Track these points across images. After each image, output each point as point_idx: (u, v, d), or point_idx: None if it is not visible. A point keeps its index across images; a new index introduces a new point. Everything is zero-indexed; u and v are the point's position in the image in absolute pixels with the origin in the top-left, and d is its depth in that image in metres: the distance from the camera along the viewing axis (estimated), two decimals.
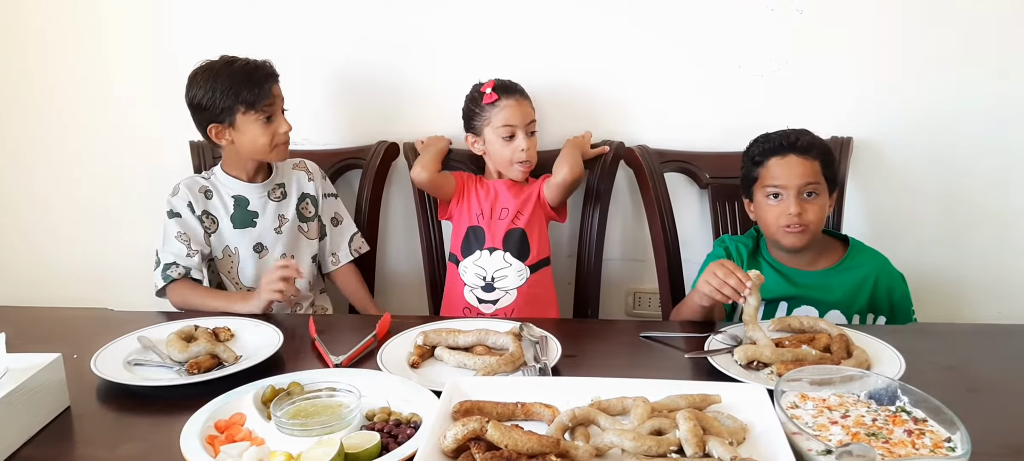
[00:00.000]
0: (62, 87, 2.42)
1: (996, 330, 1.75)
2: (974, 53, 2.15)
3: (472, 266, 2.13)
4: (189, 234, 1.98)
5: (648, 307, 2.48)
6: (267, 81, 1.93)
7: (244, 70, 1.92)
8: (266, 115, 1.93)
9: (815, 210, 1.80)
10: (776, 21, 2.18)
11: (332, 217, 2.18)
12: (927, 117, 2.21)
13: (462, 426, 1.08)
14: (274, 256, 2.06)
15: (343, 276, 2.21)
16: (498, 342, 1.54)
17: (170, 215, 2.00)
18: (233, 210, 2.04)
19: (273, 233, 2.07)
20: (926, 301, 2.09)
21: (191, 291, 1.95)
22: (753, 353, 1.44)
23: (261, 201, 2.06)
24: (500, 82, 2.08)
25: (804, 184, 1.79)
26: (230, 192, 2.05)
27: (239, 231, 2.04)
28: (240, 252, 2.05)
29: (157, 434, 1.25)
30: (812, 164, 1.81)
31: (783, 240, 1.83)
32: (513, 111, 2.05)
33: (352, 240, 2.20)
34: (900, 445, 1.09)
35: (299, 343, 1.63)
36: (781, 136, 1.84)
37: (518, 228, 2.12)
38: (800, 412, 1.20)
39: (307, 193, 2.12)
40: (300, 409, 1.24)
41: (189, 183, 2.03)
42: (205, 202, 2.03)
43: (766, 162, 1.84)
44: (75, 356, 1.51)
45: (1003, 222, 2.27)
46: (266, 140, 1.95)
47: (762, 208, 1.86)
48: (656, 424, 1.13)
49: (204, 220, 2.01)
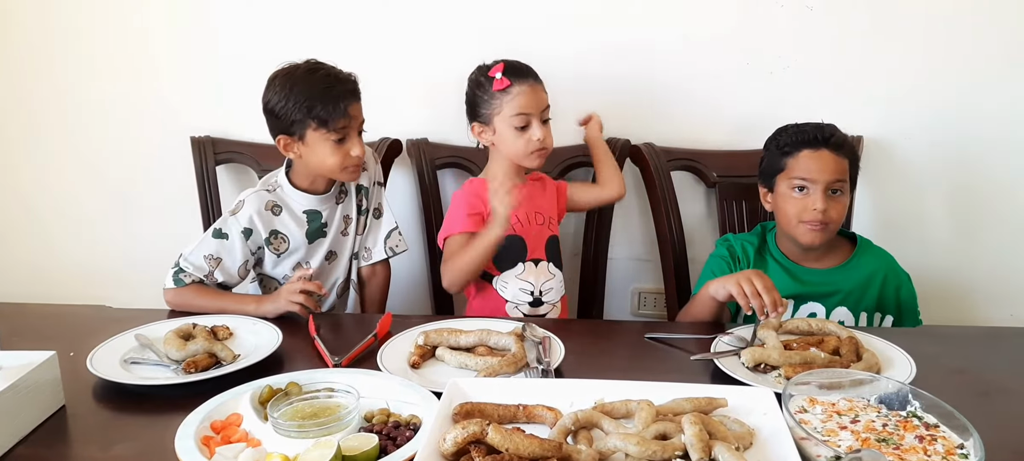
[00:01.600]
0: (59, 82, 2.40)
1: (1007, 333, 1.73)
2: (986, 53, 2.12)
3: (515, 280, 1.96)
4: (223, 261, 1.85)
5: (653, 307, 2.45)
6: (344, 99, 1.78)
7: (324, 82, 1.78)
8: (339, 136, 1.79)
9: (838, 208, 1.78)
10: (786, 17, 2.15)
11: (375, 207, 2.04)
12: (938, 116, 2.18)
13: (462, 429, 1.05)
14: (343, 260, 2.01)
15: (371, 275, 2.06)
16: (500, 343, 1.51)
17: (216, 234, 1.86)
18: (307, 225, 1.93)
19: (340, 236, 1.99)
20: (935, 303, 2.06)
21: (197, 294, 1.82)
22: (760, 355, 1.41)
23: (329, 208, 1.96)
24: (510, 64, 1.90)
25: (833, 180, 1.76)
26: (301, 207, 1.93)
27: (313, 244, 1.95)
28: (313, 264, 1.95)
29: (152, 434, 1.23)
30: (842, 162, 1.78)
31: (802, 236, 1.80)
32: (528, 97, 1.87)
33: (389, 236, 2.04)
34: (911, 451, 1.06)
35: (298, 342, 1.60)
36: (815, 128, 1.80)
37: (554, 235, 2.02)
38: (809, 417, 1.17)
39: (361, 185, 2.00)
40: (297, 410, 1.22)
41: (256, 202, 1.88)
42: (273, 220, 1.90)
43: (797, 153, 1.80)
44: (72, 354, 1.49)
45: (1014, 224, 2.24)
46: (335, 161, 1.81)
47: (784, 199, 1.82)
48: (661, 428, 1.11)
49: (272, 241, 1.90)
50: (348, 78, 1.83)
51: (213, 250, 1.85)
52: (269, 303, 1.75)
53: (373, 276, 2.06)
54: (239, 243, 1.87)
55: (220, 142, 2.33)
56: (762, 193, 1.93)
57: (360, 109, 1.85)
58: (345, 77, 1.82)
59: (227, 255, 1.86)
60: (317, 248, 1.96)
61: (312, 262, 1.95)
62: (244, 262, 1.88)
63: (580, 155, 2.25)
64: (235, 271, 1.88)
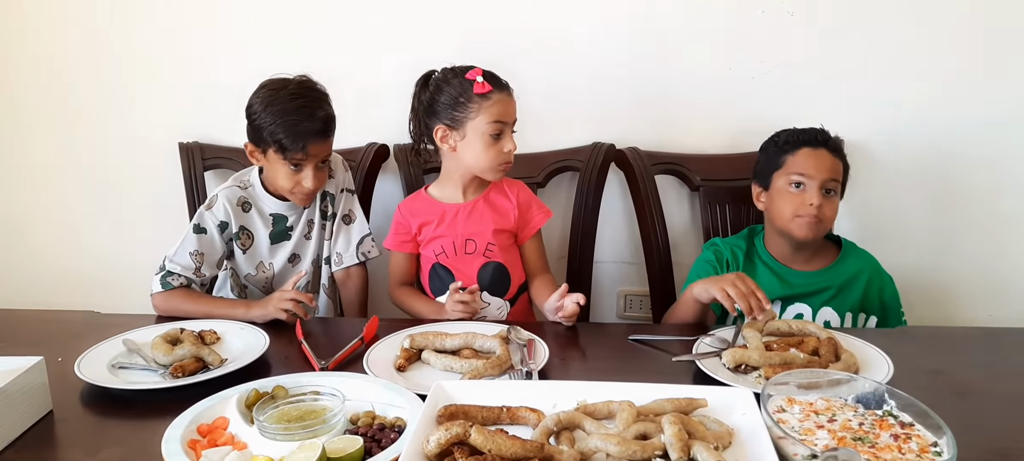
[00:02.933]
0: (46, 88, 2.41)
1: (984, 333, 1.76)
2: (965, 56, 2.15)
3: None
4: (206, 255, 1.91)
5: (639, 309, 2.47)
6: (306, 137, 1.81)
7: (296, 114, 1.81)
8: (294, 164, 1.85)
9: (832, 207, 1.84)
10: (767, 23, 2.18)
11: (345, 214, 2.05)
12: (917, 119, 2.21)
13: (445, 430, 1.07)
14: (306, 263, 2.03)
15: (346, 278, 2.07)
16: (485, 345, 1.53)
17: (196, 229, 1.91)
18: (272, 227, 1.99)
19: (304, 240, 2.03)
20: (915, 303, 2.09)
21: (186, 299, 1.85)
22: (741, 356, 1.43)
23: (296, 214, 2.01)
24: (488, 72, 1.85)
25: (829, 178, 1.82)
26: (269, 209, 1.99)
27: (276, 246, 2.00)
28: (275, 265, 2.01)
29: (139, 438, 1.24)
30: (838, 163, 1.85)
31: (796, 230, 1.83)
32: (505, 107, 1.84)
33: (362, 242, 2.06)
34: (886, 450, 1.08)
35: (285, 346, 1.61)
36: (814, 130, 1.88)
37: (493, 262, 1.94)
38: (787, 416, 1.19)
39: (327, 191, 2.03)
40: (283, 413, 1.23)
41: (229, 196, 1.95)
42: (243, 216, 1.97)
43: (796, 151, 1.85)
44: (60, 359, 1.50)
45: (992, 225, 2.27)
46: (287, 186, 1.89)
47: (780, 195, 1.86)
48: (641, 428, 1.12)
49: (240, 236, 1.95)
50: (322, 115, 1.84)
51: (194, 247, 1.90)
52: (258, 309, 1.76)
53: (348, 280, 2.08)
54: (217, 236, 1.93)
55: (208, 148, 2.34)
56: (755, 193, 1.96)
57: (324, 147, 1.87)
58: (321, 115, 1.84)
59: (209, 250, 1.92)
60: (279, 250, 2.01)
61: (274, 263, 2.01)
62: (222, 255, 1.95)
63: (564, 161, 2.27)
64: (215, 265, 1.95)
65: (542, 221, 2.00)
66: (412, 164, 2.26)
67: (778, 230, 1.89)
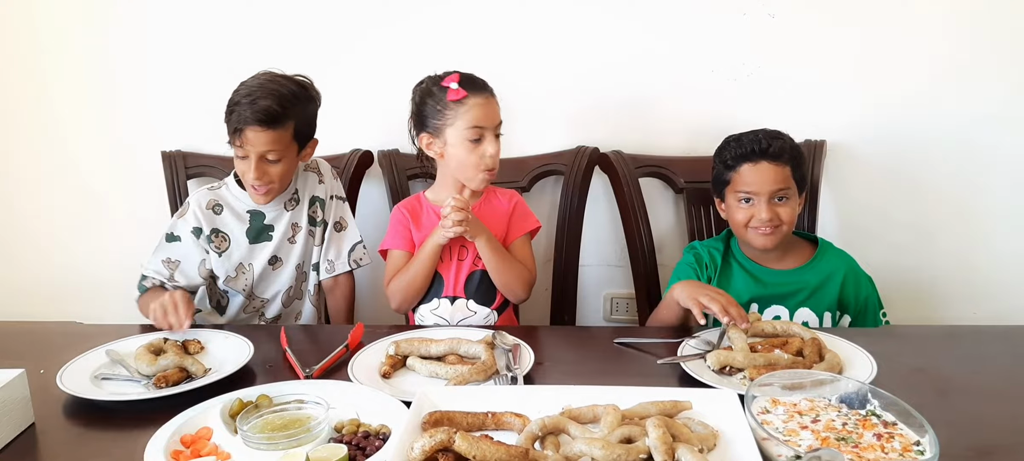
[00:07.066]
0: (30, 96, 2.39)
1: (966, 331, 1.78)
2: (944, 55, 2.17)
3: (430, 315, 1.90)
4: (180, 262, 1.91)
5: (625, 312, 2.48)
6: (241, 123, 1.76)
7: (243, 97, 1.77)
8: (241, 154, 1.82)
9: (786, 212, 1.82)
10: (748, 25, 2.19)
11: (337, 221, 2.03)
12: (898, 119, 2.23)
13: (429, 438, 1.06)
14: (288, 268, 2.00)
15: (333, 286, 2.04)
16: (471, 351, 1.53)
17: (169, 238, 1.91)
18: (248, 224, 1.95)
19: (287, 243, 1.99)
20: (898, 302, 2.10)
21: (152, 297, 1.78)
22: (725, 358, 1.44)
23: (276, 212, 1.97)
24: (466, 76, 1.83)
25: (775, 190, 1.80)
26: (245, 207, 1.95)
27: (255, 246, 1.96)
28: (255, 266, 1.97)
29: (122, 449, 1.23)
30: (783, 170, 1.81)
31: (754, 241, 1.84)
32: (483, 110, 1.80)
33: (353, 250, 2.04)
34: (869, 449, 1.09)
35: (270, 354, 1.61)
36: (752, 141, 1.83)
37: (480, 270, 1.90)
38: (771, 417, 1.20)
39: (316, 196, 2.01)
40: (267, 422, 1.22)
41: (199, 199, 1.93)
42: (214, 218, 1.94)
43: (738, 167, 1.84)
44: (42, 371, 1.49)
45: (973, 223, 2.29)
46: (241, 171, 1.86)
47: (733, 210, 1.87)
48: (626, 432, 1.13)
49: (213, 239, 1.92)
50: (263, 105, 1.75)
51: (167, 255, 1.91)
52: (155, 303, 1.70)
53: (336, 287, 2.05)
54: (192, 243, 1.92)
55: (191, 156, 2.33)
56: (716, 202, 1.96)
57: (261, 137, 1.78)
58: (262, 104, 1.75)
59: (183, 258, 1.92)
60: (259, 251, 1.97)
61: (254, 265, 1.97)
62: (202, 261, 1.93)
63: (548, 165, 2.27)
64: (195, 272, 1.93)
65: (524, 229, 1.95)
66: (395, 169, 2.26)
67: (740, 239, 1.91)
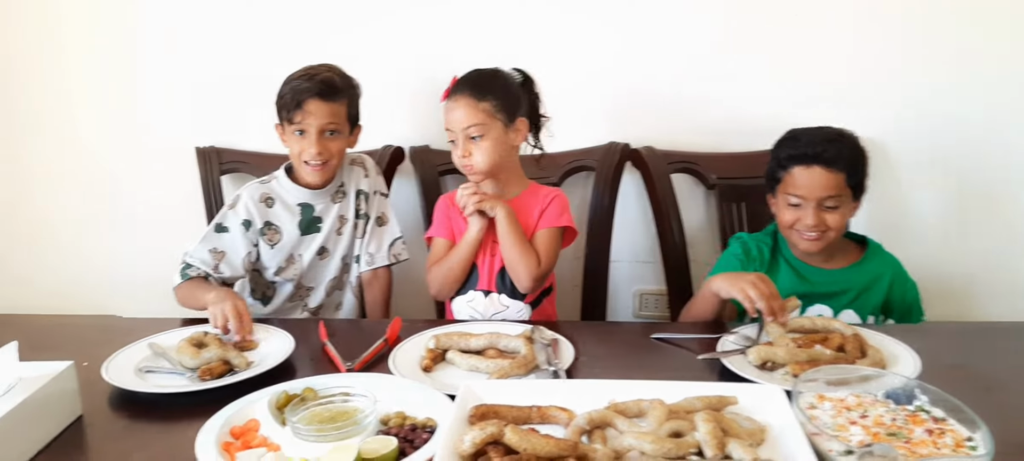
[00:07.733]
0: (68, 92, 2.42)
1: (1006, 328, 1.77)
2: (981, 52, 2.16)
3: (465, 307, 1.92)
4: (227, 254, 1.94)
5: (655, 308, 2.48)
6: (303, 94, 1.86)
7: (298, 76, 1.89)
8: (298, 130, 1.90)
9: (835, 219, 1.79)
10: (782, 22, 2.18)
11: (379, 216, 2.08)
12: (934, 116, 2.21)
13: (480, 430, 1.07)
14: (335, 259, 2.04)
15: (372, 279, 2.07)
16: (510, 345, 1.53)
17: (218, 228, 1.95)
18: (300, 216, 2.00)
19: (335, 235, 2.04)
20: (934, 300, 2.08)
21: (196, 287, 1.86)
22: (767, 354, 1.43)
23: (324, 205, 2.02)
24: (464, 77, 1.85)
25: (824, 197, 1.77)
26: (295, 199, 2.00)
27: (305, 237, 2.01)
28: (304, 257, 2.02)
29: (170, 441, 1.25)
30: (836, 177, 1.76)
31: (798, 243, 1.84)
32: (451, 115, 1.82)
33: (393, 244, 2.09)
34: (921, 444, 1.08)
35: (310, 348, 1.61)
36: (808, 142, 1.79)
37: None
38: (818, 413, 1.19)
39: (361, 190, 2.06)
40: (315, 414, 1.23)
41: (251, 193, 1.98)
42: (267, 211, 1.98)
43: (790, 168, 1.80)
44: (85, 364, 1.49)
45: (1010, 220, 2.27)
46: (296, 152, 1.93)
47: (782, 209, 1.85)
48: (674, 426, 1.12)
49: (265, 232, 1.97)
50: (322, 77, 1.88)
51: (214, 245, 1.93)
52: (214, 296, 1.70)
53: (375, 281, 2.08)
54: (240, 235, 1.95)
55: (225, 152, 2.35)
56: (768, 197, 1.95)
57: (323, 108, 1.88)
58: (321, 77, 1.88)
59: (230, 249, 1.94)
60: (309, 242, 2.01)
61: (304, 256, 2.01)
62: (247, 254, 1.96)
63: (579, 161, 2.27)
64: (239, 264, 1.95)
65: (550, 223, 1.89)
66: (427, 166, 2.27)
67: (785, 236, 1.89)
